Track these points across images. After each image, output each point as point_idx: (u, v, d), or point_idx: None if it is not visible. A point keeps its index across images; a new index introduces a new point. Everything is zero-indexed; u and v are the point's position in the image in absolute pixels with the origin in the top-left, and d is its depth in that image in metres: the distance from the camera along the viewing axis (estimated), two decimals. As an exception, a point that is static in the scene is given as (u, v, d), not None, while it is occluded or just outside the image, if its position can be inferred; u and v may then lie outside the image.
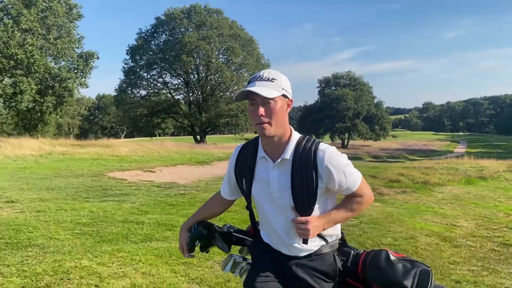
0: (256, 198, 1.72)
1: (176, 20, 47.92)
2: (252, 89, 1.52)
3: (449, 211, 7.09)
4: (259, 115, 1.53)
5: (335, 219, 1.64)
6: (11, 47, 22.20)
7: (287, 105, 1.62)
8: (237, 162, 1.76)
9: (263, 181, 1.65)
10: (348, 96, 56.15)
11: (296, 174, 1.57)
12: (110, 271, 3.32)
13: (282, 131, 1.60)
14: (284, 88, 1.59)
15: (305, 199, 1.58)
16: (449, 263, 4.54)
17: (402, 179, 10.25)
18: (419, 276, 1.59)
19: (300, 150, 1.59)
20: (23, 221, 4.69)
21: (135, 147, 15.24)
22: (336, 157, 1.59)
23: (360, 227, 5.61)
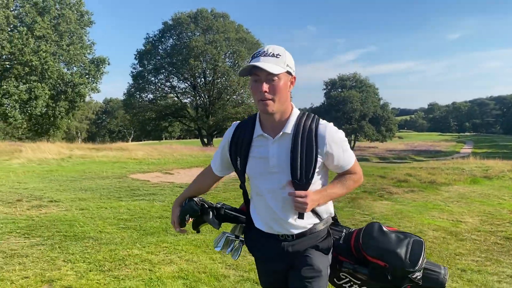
0: (251, 176, 1.72)
1: (183, 24, 48.51)
2: (257, 63, 1.51)
3: (455, 208, 7.52)
4: (263, 91, 1.53)
5: (330, 195, 1.67)
6: (26, 54, 22.89)
7: (290, 82, 1.63)
8: (232, 140, 1.75)
9: (261, 158, 1.66)
10: (354, 98, 56.48)
11: (296, 149, 1.59)
12: (158, 258, 3.83)
13: (284, 107, 1.62)
14: (288, 64, 1.59)
15: (303, 173, 1.59)
16: (455, 254, 4.98)
17: (410, 179, 10.68)
18: (412, 245, 1.63)
19: (301, 125, 1.62)
20: (72, 218, 5.26)
21: (150, 150, 15.77)
22: (337, 132, 1.64)
23: (372, 222, 6.08)
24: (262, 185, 1.67)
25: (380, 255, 1.62)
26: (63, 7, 26.79)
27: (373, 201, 7.77)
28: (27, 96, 23.58)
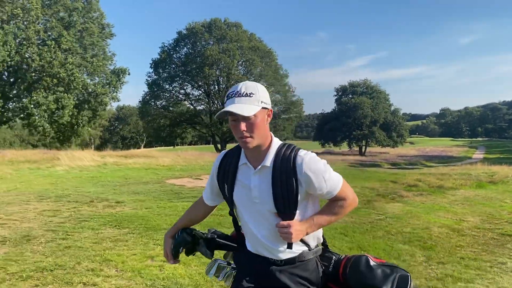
0: (238, 204, 1.76)
1: (197, 34, 49.70)
2: (231, 109, 1.55)
3: (459, 209, 8.44)
4: (242, 131, 1.58)
5: (318, 223, 1.67)
6: (55, 67, 24.26)
7: (267, 115, 1.67)
8: (219, 169, 1.80)
9: (245, 187, 1.70)
10: (365, 104, 57.03)
11: (277, 181, 1.62)
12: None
13: (263, 141, 1.65)
14: (262, 100, 1.63)
15: (286, 204, 1.61)
16: (456, 246, 5.91)
17: (420, 184, 11.59)
18: (398, 281, 1.62)
19: (280, 157, 1.64)
20: (143, 214, 6.37)
21: (175, 157, 16.87)
22: (315, 163, 1.62)
23: (386, 221, 7.03)
24: (246, 214, 1.73)
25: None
26: (86, 21, 28.21)
27: (386, 203, 8.72)
28: (54, 106, 24.92)
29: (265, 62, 50.13)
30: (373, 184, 11.71)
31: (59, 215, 6.40)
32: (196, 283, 3.90)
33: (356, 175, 14.37)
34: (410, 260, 5.15)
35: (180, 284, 3.83)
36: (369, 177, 13.59)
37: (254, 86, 1.63)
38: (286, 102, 50.89)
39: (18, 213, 6.51)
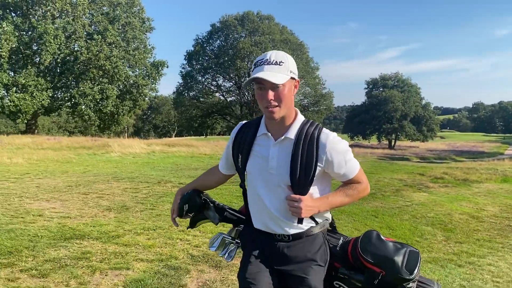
0: (250, 175, 1.74)
1: (230, 27, 50.73)
2: (261, 75, 1.52)
3: (481, 200, 9.26)
4: (269, 100, 1.55)
5: (331, 203, 1.67)
6: (101, 59, 25.96)
7: (294, 86, 1.64)
8: (235, 139, 1.79)
9: (261, 158, 1.68)
10: (396, 98, 56.76)
11: (297, 154, 1.60)
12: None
13: (289, 112, 1.63)
14: (291, 70, 1.60)
15: (301, 179, 1.61)
16: (474, 230, 6.81)
17: (446, 176, 12.37)
18: (409, 255, 1.66)
19: (304, 131, 1.63)
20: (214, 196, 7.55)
21: (213, 146, 18.13)
22: (339, 142, 1.63)
23: (412, 207, 7.98)
24: (260, 184, 1.70)
25: (377, 262, 1.65)
26: (129, 15, 29.79)
27: (413, 192, 9.62)
28: (99, 96, 26.69)
29: (296, 54, 50.68)
30: (401, 175, 12.57)
31: (139, 192, 7.70)
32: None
33: (385, 167, 15.24)
34: (431, 239, 6.11)
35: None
36: (398, 170, 14.43)
37: (283, 55, 1.61)
38: (316, 95, 51.47)
39: (107, 189, 7.86)
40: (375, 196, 8.76)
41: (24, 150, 14.62)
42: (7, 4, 24.95)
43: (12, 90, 24.53)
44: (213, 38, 53.52)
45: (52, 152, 14.26)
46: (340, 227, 6.12)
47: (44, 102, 25.42)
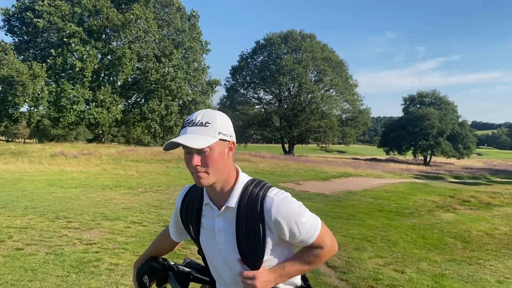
0: (204, 249, 1.58)
1: (274, 44, 53.98)
2: (180, 141, 1.33)
3: (497, 221, 11.83)
4: (194, 165, 1.35)
5: (290, 273, 1.50)
6: (167, 80, 29.70)
7: (228, 148, 1.43)
8: (182, 206, 1.61)
9: (210, 230, 1.51)
10: (433, 115, 58.09)
11: (241, 225, 1.43)
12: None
13: (224, 177, 1.44)
14: (221, 131, 1.39)
15: (252, 251, 1.44)
16: (485, 243, 9.47)
17: (472, 200, 14.84)
18: None
19: (246, 196, 1.43)
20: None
21: (269, 163, 21.15)
22: (288, 205, 1.41)
23: (441, 224, 10.71)
24: (215, 257, 1.54)
25: None
26: (190, 40, 33.53)
27: (443, 213, 12.28)
28: (165, 112, 30.42)
29: (336, 72, 53.35)
30: (434, 197, 15.13)
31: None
32: None
33: (420, 189, 17.80)
34: (453, 247, 8.84)
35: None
36: (432, 192, 16.98)
37: (212, 115, 1.41)
38: (354, 111, 53.90)
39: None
40: (413, 215, 11.52)
41: (127, 163, 18.14)
42: (92, 30, 29.10)
43: (92, 105, 28.59)
44: (256, 54, 56.94)
45: (147, 164, 17.70)
46: (388, 237, 8.91)
47: (117, 116, 29.36)
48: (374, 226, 9.54)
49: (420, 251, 8.10)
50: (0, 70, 26.14)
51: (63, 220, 6.49)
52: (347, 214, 10.58)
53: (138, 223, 6.74)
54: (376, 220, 10.23)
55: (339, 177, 19.98)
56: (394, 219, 10.70)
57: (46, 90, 27.68)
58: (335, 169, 23.25)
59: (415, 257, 7.59)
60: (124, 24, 28.55)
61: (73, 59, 27.89)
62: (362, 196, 13.95)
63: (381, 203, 13.06)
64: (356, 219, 10.04)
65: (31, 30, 30.12)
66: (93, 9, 28.79)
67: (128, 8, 29.48)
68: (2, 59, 27.06)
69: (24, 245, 4.99)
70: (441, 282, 6.28)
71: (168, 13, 32.97)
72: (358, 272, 6.20)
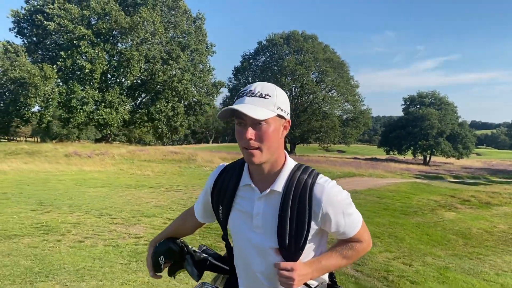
0: (233, 233, 1.50)
1: (276, 45, 54.62)
2: (238, 108, 1.26)
3: (496, 220, 12.56)
4: (248, 139, 1.28)
5: (326, 267, 1.43)
6: (174, 82, 30.41)
7: (283, 127, 1.38)
8: (215, 186, 1.51)
9: (245, 213, 1.43)
10: (433, 116, 58.73)
11: (286, 211, 1.34)
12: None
13: (275, 157, 1.37)
14: (280, 107, 1.33)
15: (292, 241, 1.35)
16: (485, 240, 10.18)
17: (472, 199, 15.56)
18: None
19: (294, 182, 1.36)
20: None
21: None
22: (337, 194, 1.37)
23: (443, 222, 11.43)
24: (245, 244, 1.45)
25: None
26: (196, 42, 34.24)
27: (444, 211, 13.00)
28: (171, 113, 31.15)
29: (338, 73, 54.04)
30: (436, 197, 15.86)
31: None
32: None
33: (423, 189, 18.54)
34: (455, 243, 9.57)
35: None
36: (433, 191, 17.72)
37: (272, 88, 1.35)
38: (355, 111, 54.64)
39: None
40: (417, 213, 12.24)
41: (140, 163, 18.85)
42: (100, 33, 29.78)
43: (101, 106, 29.30)
44: (259, 54, 57.58)
45: (160, 164, 18.42)
46: (395, 234, 9.62)
47: (125, 117, 30.08)
48: (381, 224, 10.27)
49: (425, 247, 8.83)
50: (12, 72, 26.82)
51: (107, 216, 7.20)
52: (356, 212, 11.30)
53: (172, 220, 7.47)
54: (382, 218, 10.96)
55: (343, 177, 20.69)
56: (399, 217, 11.42)
57: (57, 91, 28.36)
58: (339, 169, 23.98)
59: (420, 252, 8.32)
60: (132, 26, 29.24)
61: (83, 61, 28.58)
62: (368, 196, 14.67)
63: (386, 202, 13.78)
64: (365, 217, 10.42)
65: (41, 32, 30.83)
66: (101, 12, 29.48)
67: (136, 11, 30.17)
68: (13, 60, 27.74)
69: (83, 238, 5.70)
70: (445, 274, 7.00)
71: (174, 16, 33.66)
72: (370, 264, 6.92)
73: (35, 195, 9.23)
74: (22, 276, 4.06)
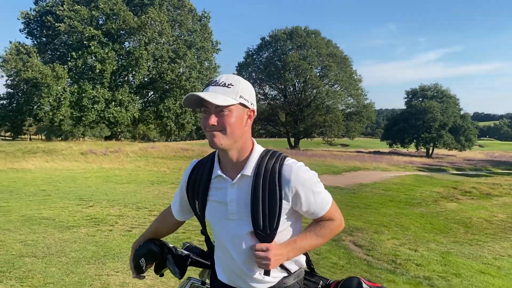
0: (212, 223, 1.56)
1: (280, 41, 55.12)
2: (200, 94, 1.35)
3: (495, 209, 13.34)
4: (210, 125, 1.37)
5: (302, 247, 1.49)
6: (182, 80, 31.17)
7: (247, 115, 1.45)
8: (189, 182, 1.58)
9: (220, 203, 1.49)
10: (435, 108, 59.22)
11: (257, 193, 1.41)
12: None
13: (240, 144, 1.44)
14: (243, 96, 1.41)
15: (266, 222, 1.42)
16: (485, 228, 10.98)
17: (473, 191, 16.35)
18: None
19: (263, 166, 1.43)
20: None
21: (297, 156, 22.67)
22: (305, 173, 1.43)
23: (445, 212, 12.23)
24: (222, 233, 1.52)
25: None
26: (202, 40, 34.95)
27: (447, 202, 13.79)
28: (179, 110, 31.94)
29: (341, 67, 54.59)
30: (438, 189, 16.64)
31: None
32: None
33: (426, 181, 19.33)
34: (456, 231, 10.37)
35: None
36: (436, 183, 18.51)
37: (236, 79, 1.43)
38: (359, 105, 55.29)
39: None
40: (421, 204, 13.04)
41: (154, 160, 19.67)
42: (109, 33, 30.55)
43: (112, 105, 30.12)
44: (262, 50, 58.09)
45: (173, 161, 19.24)
46: (401, 223, 10.42)
47: (135, 115, 30.91)
48: (388, 214, 11.08)
49: (428, 234, 9.65)
50: (25, 72, 27.63)
51: (144, 209, 8.02)
52: (364, 204, 12.12)
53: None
54: (389, 209, 11.78)
55: (349, 171, 21.49)
56: (404, 208, 12.23)
57: (68, 91, 29.19)
58: (344, 163, 24.78)
59: (424, 239, 9.14)
60: (140, 26, 29.97)
61: (93, 61, 29.36)
62: (374, 188, 15.46)
63: (391, 194, 14.58)
64: (372, 208, 11.56)
65: (51, 33, 31.61)
66: (110, 13, 30.21)
67: (143, 11, 30.89)
68: (26, 61, 28.55)
69: (130, 227, 6.50)
70: (447, 257, 7.82)
71: (180, 15, 34.34)
72: (380, 249, 7.73)
73: (72, 191, 10.07)
74: (94, 258, 4.87)
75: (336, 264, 6.50)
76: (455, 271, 7.05)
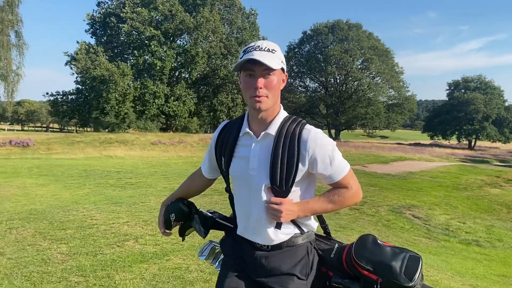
0: (234, 179, 1.65)
1: (321, 34, 56.20)
2: (255, 57, 1.43)
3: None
4: (258, 87, 1.46)
5: (313, 209, 1.57)
6: (234, 76, 33.46)
7: (282, 80, 1.57)
8: (218, 140, 1.70)
9: (243, 159, 1.60)
10: (478, 100, 58.66)
11: (277, 151, 1.51)
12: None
13: (275, 106, 1.57)
14: (283, 61, 1.54)
15: (283, 178, 1.51)
16: (525, 209, 12.51)
17: (516, 179, 17.70)
18: (408, 260, 1.55)
19: (285, 128, 1.54)
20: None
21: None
22: (322, 138, 1.53)
23: (489, 196, 13.75)
24: (243, 188, 1.62)
25: (373, 268, 1.55)
26: (250, 37, 37.05)
27: (490, 188, 15.28)
28: (231, 104, 34.30)
29: (382, 60, 55.18)
30: (482, 177, 18.03)
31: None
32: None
33: (470, 170, 20.67)
34: (499, 211, 11.97)
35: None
36: (480, 172, 19.85)
37: (276, 46, 1.53)
38: (400, 98, 55.86)
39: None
40: (467, 189, 14.63)
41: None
42: (167, 34, 33.18)
43: (171, 99, 32.82)
44: (303, 44, 59.37)
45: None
46: (450, 203, 12.10)
47: (191, 108, 33.52)
48: (438, 196, 12.80)
49: (474, 213, 11.36)
50: (94, 70, 30.70)
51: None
52: (416, 187, 13.88)
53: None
54: (438, 192, 13.48)
55: (396, 160, 23.07)
56: (452, 192, 13.89)
57: (132, 87, 32.11)
58: (389, 153, 26.34)
59: (471, 215, 10.88)
60: (196, 26, 32.38)
61: (153, 59, 32.09)
62: (422, 176, 17.10)
63: (439, 180, 16.20)
64: (423, 191, 13.31)
65: (113, 33, 34.60)
66: (168, 14, 32.79)
67: (196, 10, 33.28)
68: (94, 60, 31.64)
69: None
70: (491, 229, 9.58)
71: (230, 13, 36.53)
72: (435, 221, 9.60)
73: (177, 173, 12.44)
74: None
75: (403, 228, 8.48)
76: (498, 238, 8.84)
